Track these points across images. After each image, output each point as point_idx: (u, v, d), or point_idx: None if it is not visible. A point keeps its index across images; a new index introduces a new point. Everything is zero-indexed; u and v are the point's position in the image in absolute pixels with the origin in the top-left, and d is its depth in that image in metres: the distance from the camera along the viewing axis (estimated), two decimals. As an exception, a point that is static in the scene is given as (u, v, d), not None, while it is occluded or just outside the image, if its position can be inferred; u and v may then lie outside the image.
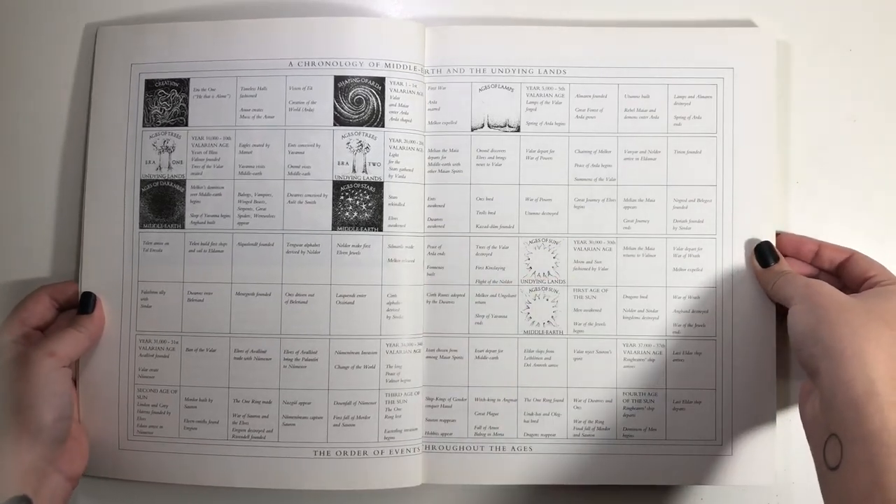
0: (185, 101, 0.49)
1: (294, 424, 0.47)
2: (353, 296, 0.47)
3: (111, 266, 0.48)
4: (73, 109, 0.51)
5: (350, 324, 0.47)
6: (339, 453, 0.47)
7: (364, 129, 0.48)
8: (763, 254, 0.47)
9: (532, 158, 0.49)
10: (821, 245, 0.47)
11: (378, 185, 0.48)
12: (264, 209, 0.48)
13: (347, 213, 0.48)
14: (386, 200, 0.48)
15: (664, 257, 0.48)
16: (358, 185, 0.48)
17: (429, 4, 0.51)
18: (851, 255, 0.46)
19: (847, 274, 0.45)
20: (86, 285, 0.48)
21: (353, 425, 0.47)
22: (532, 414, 0.48)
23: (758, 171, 0.48)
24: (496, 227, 0.48)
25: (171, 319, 0.48)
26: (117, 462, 0.48)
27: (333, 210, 0.48)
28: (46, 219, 0.51)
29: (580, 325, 0.48)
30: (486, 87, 0.49)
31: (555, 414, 0.48)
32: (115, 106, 0.49)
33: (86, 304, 0.47)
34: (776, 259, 0.46)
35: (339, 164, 0.48)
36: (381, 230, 0.47)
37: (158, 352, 0.48)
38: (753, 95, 0.48)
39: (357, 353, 0.47)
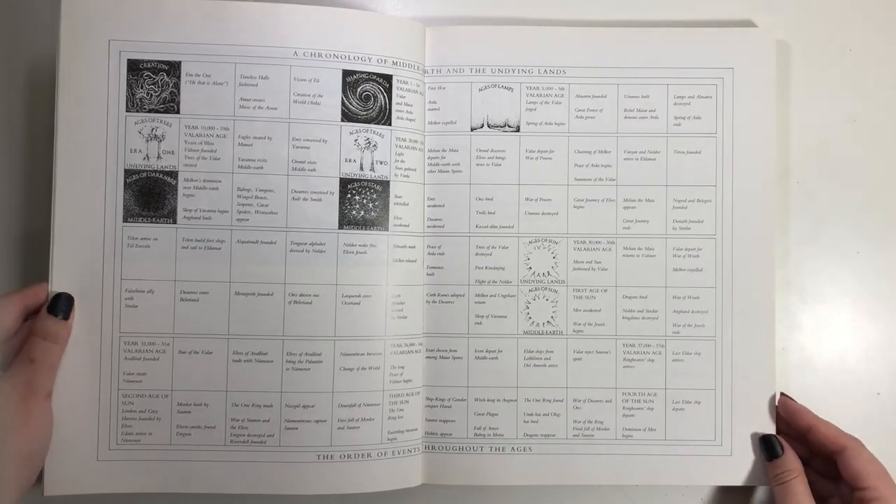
0: (177, 86, 0.46)
1: (297, 428, 0.46)
2: (360, 296, 0.46)
3: (88, 264, 0.45)
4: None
5: (356, 325, 0.46)
6: (342, 456, 0.46)
7: (372, 126, 0.47)
8: (770, 445, 0.46)
9: (532, 158, 0.48)
10: (815, 425, 0.45)
11: (385, 184, 0.47)
12: (266, 205, 0.46)
13: (354, 212, 0.46)
14: (392, 200, 0.47)
15: (664, 257, 0.48)
16: (365, 184, 0.47)
17: (428, 4, 0.51)
18: (844, 450, 0.44)
19: (840, 470, 0.44)
20: (57, 286, 0.44)
21: (358, 427, 0.46)
22: (532, 414, 0.48)
23: (758, 171, 0.48)
24: (496, 227, 0.48)
25: (162, 320, 0.46)
26: (96, 475, 0.45)
27: (340, 208, 0.46)
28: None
29: (580, 325, 0.48)
30: (485, 87, 0.49)
31: (554, 414, 0.48)
32: (91, 87, 0.45)
33: (58, 305, 0.43)
34: (783, 449, 0.46)
35: (346, 161, 0.47)
36: (387, 230, 0.47)
37: (147, 354, 0.46)
38: (753, 95, 0.48)
39: (363, 354, 0.46)
